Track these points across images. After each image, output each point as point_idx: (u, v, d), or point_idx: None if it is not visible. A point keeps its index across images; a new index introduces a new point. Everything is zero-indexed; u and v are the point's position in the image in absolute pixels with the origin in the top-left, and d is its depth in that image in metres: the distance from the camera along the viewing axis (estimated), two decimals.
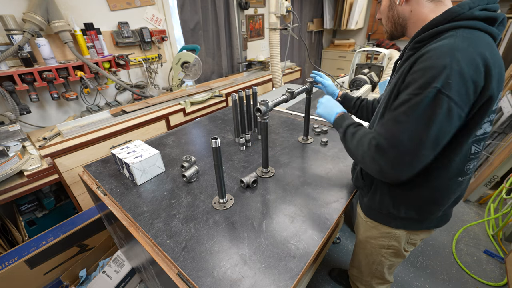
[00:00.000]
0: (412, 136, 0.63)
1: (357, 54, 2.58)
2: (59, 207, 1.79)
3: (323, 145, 1.39)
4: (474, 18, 0.62)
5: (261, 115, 0.99)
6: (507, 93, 2.60)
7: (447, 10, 0.65)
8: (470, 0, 0.63)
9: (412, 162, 0.65)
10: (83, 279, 1.56)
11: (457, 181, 0.76)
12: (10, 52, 1.53)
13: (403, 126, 0.64)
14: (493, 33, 0.63)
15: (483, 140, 0.72)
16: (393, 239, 0.94)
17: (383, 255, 1.01)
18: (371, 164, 0.71)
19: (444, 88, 0.57)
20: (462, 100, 0.59)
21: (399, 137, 0.64)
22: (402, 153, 0.65)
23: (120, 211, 1.02)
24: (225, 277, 0.72)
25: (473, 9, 0.62)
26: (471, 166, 0.75)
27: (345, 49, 5.00)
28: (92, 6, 1.96)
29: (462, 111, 0.60)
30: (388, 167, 0.67)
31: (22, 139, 1.58)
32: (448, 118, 0.60)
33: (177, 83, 2.45)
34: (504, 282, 1.63)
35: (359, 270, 1.17)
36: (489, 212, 2.09)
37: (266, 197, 1.03)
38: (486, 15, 0.62)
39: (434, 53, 0.61)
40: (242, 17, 3.26)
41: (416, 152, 0.63)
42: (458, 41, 0.59)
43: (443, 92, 0.58)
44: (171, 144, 1.48)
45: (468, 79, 0.57)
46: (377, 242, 0.99)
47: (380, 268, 1.06)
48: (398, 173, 0.67)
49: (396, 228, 0.91)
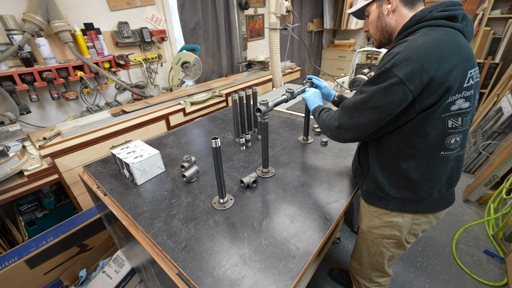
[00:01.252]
0: (364, 102, 0.79)
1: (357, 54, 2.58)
2: (59, 207, 1.79)
3: (323, 145, 1.39)
4: (434, 18, 0.75)
5: (261, 115, 0.99)
6: (507, 93, 2.60)
7: (412, 16, 0.79)
8: (430, 6, 0.78)
9: (361, 124, 0.81)
10: (83, 279, 1.56)
11: (439, 156, 0.81)
12: (10, 52, 1.53)
13: (360, 95, 0.81)
14: (456, 27, 0.75)
15: (462, 115, 0.77)
16: (395, 228, 0.96)
17: (385, 245, 1.03)
18: (333, 122, 0.90)
19: (393, 68, 0.71)
20: (406, 77, 0.70)
21: (357, 102, 0.81)
22: (355, 114, 0.82)
23: (120, 211, 1.02)
24: (225, 277, 0.72)
25: (432, 12, 0.76)
26: (452, 141, 0.79)
27: (345, 49, 5.01)
28: (92, 6, 1.96)
29: (407, 87, 0.71)
30: (345, 124, 0.85)
31: (22, 139, 1.58)
32: (392, 90, 0.72)
33: (177, 83, 2.45)
34: (504, 282, 1.63)
35: (360, 262, 1.19)
36: (489, 212, 2.09)
37: (266, 197, 1.03)
38: (444, 14, 0.75)
39: (396, 46, 0.76)
40: (242, 17, 3.26)
41: (364, 115, 0.79)
42: (416, 36, 0.74)
43: (391, 70, 0.72)
44: (171, 144, 1.48)
45: (415, 62, 0.69)
46: (379, 231, 1.01)
47: (381, 259, 1.08)
48: (349, 132, 0.85)
49: (393, 210, 0.93)
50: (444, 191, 0.89)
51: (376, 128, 0.81)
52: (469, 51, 0.75)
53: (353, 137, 0.86)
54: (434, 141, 0.79)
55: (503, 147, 2.20)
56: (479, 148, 2.54)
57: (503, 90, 2.80)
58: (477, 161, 2.59)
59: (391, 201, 0.92)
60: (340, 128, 0.87)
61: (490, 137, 2.50)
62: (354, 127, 0.83)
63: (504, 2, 3.23)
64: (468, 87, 0.74)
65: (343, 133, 0.87)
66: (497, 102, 2.72)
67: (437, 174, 0.84)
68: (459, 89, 0.73)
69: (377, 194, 0.95)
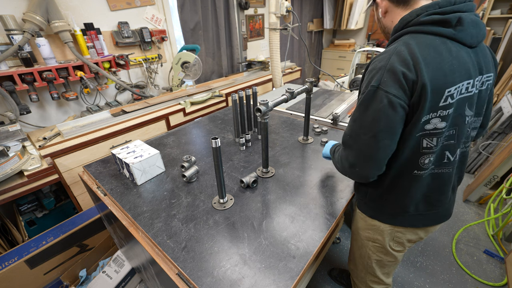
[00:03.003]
0: (366, 130, 0.73)
1: (357, 54, 2.58)
2: (59, 207, 1.79)
3: (323, 145, 1.39)
4: (420, 24, 0.70)
5: (261, 115, 0.99)
6: (507, 93, 2.60)
7: (400, 19, 0.74)
8: (420, 7, 0.71)
9: (373, 155, 0.74)
10: (83, 279, 1.56)
11: (412, 174, 0.79)
12: (10, 52, 1.53)
13: (358, 122, 0.75)
14: (445, 34, 0.68)
15: (438, 135, 0.73)
16: (377, 232, 0.97)
17: (370, 248, 1.04)
18: (344, 162, 0.83)
19: (382, 85, 0.68)
20: (398, 92, 0.67)
21: (357, 131, 0.75)
22: (362, 147, 0.74)
23: (120, 211, 1.02)
24: (225, 277, 0.72)
25: (420, 15, 0.70)
26: (426, 161, 0.77)
27: (345, 49, 5.01)
28: (92, 6, 1.96)
29: (402, 101, 0.68)
30: (356, 160, 0.77)
31: (22, 139, 1.58)
32: (391, 109, 0.68)
33: (177, 83, 2.45)
34: (504, 282, 1.63)
35: (354, 263, 1.20)
36: (489, 212, 2.09)
37: (266, 197, 1.03)
38: (433, 19, 0.68)
39: (378, 58, 0.73)
40: (242, 17, 3.26)
41: (373, 145, 0.72)
42: (398, 45, 0.70)
43: (381, 88, 0.68)
44: (171, 144, 1.48)
45: (400, 74, 0.66)
46: (364, 233, 1.02)
47: (370, 262, 1.08)
48: (365, 168, 0.77)
49: (372, 217, 0.96)
50: (422, 208, 0.87)
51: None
52: (461, 61, 0.68)
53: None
54: (407, 160, 0.77)
55: (503, 147, 2.20)
56: (479, 148, 2.54)
57: (503, 90, 2.80)
58: (477, 161, 2.59)
59: (371, 209, 0.95)
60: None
61: (490, 137, 2.50)
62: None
63: (504, 2, 3.23)
64: (445, 106, 0.69)
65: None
66: (497, 102, 2.73)
67: (410, 191, 0.83)
68: (433, 107, 0.68)
69: (360, 199, 0.99)
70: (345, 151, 0.81)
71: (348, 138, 0.79)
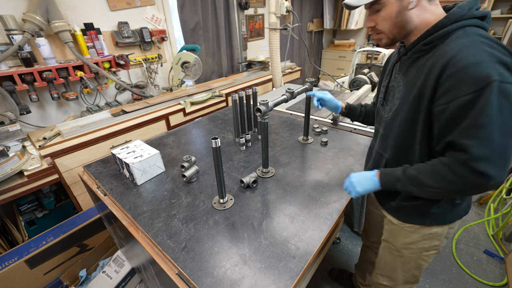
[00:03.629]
0: (501, 131, 0.62)
1: (357, 54, 2.59)
2: (59, 207, 1.79)
3: (323, 145, 1.39)
4: (473, 17, 0.69)
5: (261, 115, 0.99)
6: None
7: (450, 13, 0.70)
8: (467, 2, 0.71)
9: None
10: (83, 279, 1.56)
11: None
12: (10, 52, 1.53)
13: (489, 128, 0.63)
14: (485, 27, 0.70)
15: None
16: (435, 238, 0.92)
17: (423, 258, 0.98)
18: (474, 181, 0.67)
19: (502, 78, 0.60)
20: None
21: (492, 138, 0.63)
22: (503, 151, 0.64)
23: (120, 211, 1.02)
24: (225, 277, 0.72)
25: (471, 9, 0.69)
26: None
27: (345, 49, 5.01)
28: (92, 6, 1.96)
29: None
30: (496, 172, 0.64)
31: (22, 139, 1.58)
32: None
33: (177, 83, 2.45)
34: (504, 282, 1.63)
35: (392, 279, 1.11)
36: (489, 212, 2.09)
37: (266, 197, 1.03)
38: (482, 13, 0.69)
39: (465, 54, 0.64)
40: (242, 17, 3.26)
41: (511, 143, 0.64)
42: (474, 38, 0.66)
43: (504, 81, 0.60)
44: (171, 144, 1.48)
45: (509, 63, 0.62)
46: (418, 246, 0.95)
47: (418, 272, 1.03)
48: (504, 173, 0.65)
49: (431, 225, 0.89)
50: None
51: None
52: None
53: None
54: None
55: None
56: None
57: None
58: None
59: (430, 217, 0.88)
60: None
61: None
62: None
63: (504, 2, 3.23)
64: None
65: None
66: None
67: None
68: None
69: (413, 212, 0.90)
70: (481, 165, 0.64)
71: (488, 151, 0.64)
